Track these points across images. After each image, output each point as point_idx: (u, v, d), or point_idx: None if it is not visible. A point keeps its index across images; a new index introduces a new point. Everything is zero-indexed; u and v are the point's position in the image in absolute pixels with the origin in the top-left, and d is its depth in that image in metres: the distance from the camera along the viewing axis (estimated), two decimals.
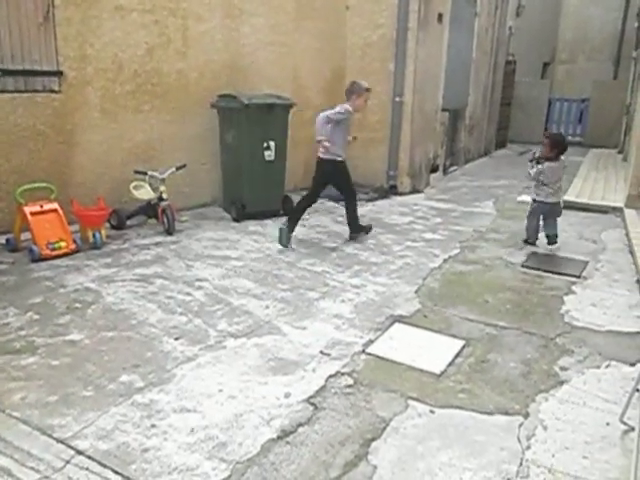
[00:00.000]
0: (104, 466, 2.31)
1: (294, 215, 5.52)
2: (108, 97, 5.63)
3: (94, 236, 4.99)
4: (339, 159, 5.48)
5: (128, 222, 5.71)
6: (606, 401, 2.93)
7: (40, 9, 4.99)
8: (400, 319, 3.86)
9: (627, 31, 16.56)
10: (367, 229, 5.88)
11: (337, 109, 5.40)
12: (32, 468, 2.27)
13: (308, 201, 5.59)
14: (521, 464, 2.42)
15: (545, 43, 18.29)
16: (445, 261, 5.18)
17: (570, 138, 16.21)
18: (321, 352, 3.32)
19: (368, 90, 5.63)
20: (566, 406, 2.88)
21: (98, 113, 5.58)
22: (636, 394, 2.49)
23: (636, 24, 13.27)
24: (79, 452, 2.38)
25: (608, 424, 2.73)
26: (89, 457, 2.36)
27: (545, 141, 5.71)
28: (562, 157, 5.69)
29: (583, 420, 2.76)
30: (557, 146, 5.61)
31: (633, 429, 2.54)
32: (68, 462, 2.32)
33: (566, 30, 18.99)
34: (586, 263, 5.21)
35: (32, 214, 4.65)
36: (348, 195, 5.72)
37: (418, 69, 8.03)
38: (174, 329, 3.55)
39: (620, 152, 12.95)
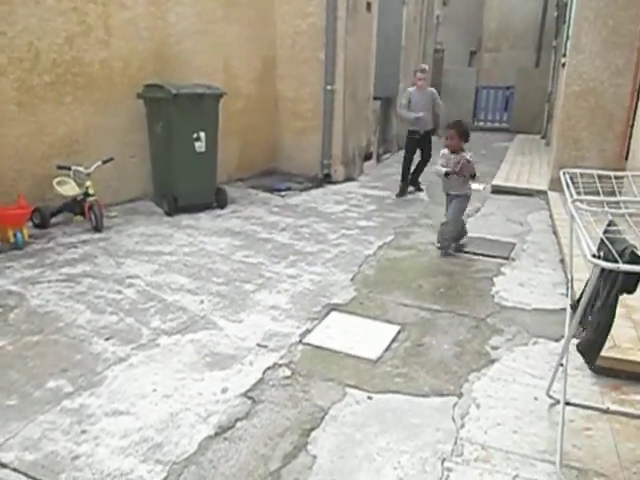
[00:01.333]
0: (31, 478, 2.20)
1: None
2: (25, 88, 5.32)
3: (15, 236, 4.73)
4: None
5: (52, 220, 5.43)
6: (534, 377, 3.06)
7: None
8: (336, 307, 3.88)
9: (547, 21, 17.23)
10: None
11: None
12: None
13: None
14: (456, 443, 2.49)
15: (471, 32, 18.80)
16: (380, 248, 5.25)
17: (497, 125, 16.83)
18: (258, 345, 3.29)
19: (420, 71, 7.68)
20: (497, 384, 2.99)
21: (14, 106, 5.26)
22: (560, 368, 2.60)
23: (555, 14, 13.83)
24: (3, 465, 2.26)
25: (536, 399, 2.85)
26: (14, 469, 2.24)
27: (451, 132, 5.02)
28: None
29: (513, 396, 2.87)
30: (466, 134, 5.07)
31: (558, 402, 2.66)
32: None
33: (490, 19, 19.57)
34: (514, 245, 5.42)
35: None
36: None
37: (348, 58, 8.07)
38: (104, 329, 3.42)
39: (543, 137, 13.53)
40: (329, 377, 2.99)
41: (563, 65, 8.11)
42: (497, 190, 7.92)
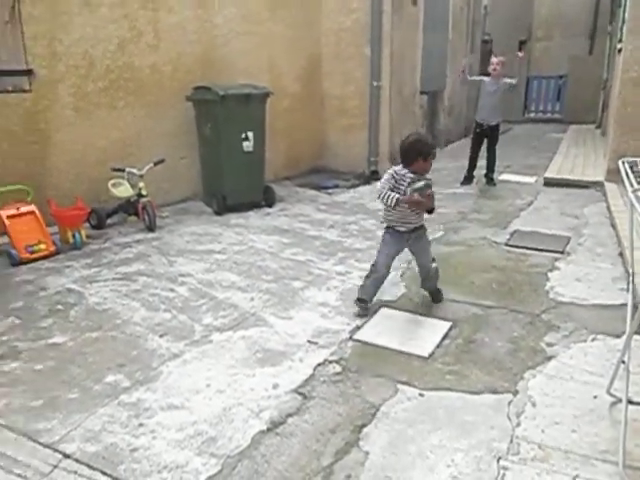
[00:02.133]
0: (92, 468, 2.28)
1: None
2: (81, 95, 5.53)
3: (74, 237, 4.92)
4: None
5: (108, 221, 5.63)
6: (593, 374, 2.95)
7: (5, 6, 4.86)
8: (386, 304, 3.85)
9: (601, 5, 16.57)
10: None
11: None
12: (19, 475, 2.24)
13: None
14: (511, 441, 2.43)
15: (521, 21, 18.27)
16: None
17: (549, 115, 16.31)
18: (308, 341, 3.31)
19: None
20: (554, 382, 2.90)
21: (71, 111, 5.47)
22: (622, 366, 2.50)
23: None
24: (66, 456, 2.35)
25: (596, 397, 2.75)
26: (77, 460, 2.33)
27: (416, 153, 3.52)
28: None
29: (571, 394, 2.78)
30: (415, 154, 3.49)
31: (620, 401, 2.56)
32: (55, 467, 2.29)
33: (541, 6, 18.97)
34: (569, 239, 5.24)
35: (9, 217, 4.57)
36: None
37: (394, 52, 7.99)
38: (159, 326, 3.52)
39: (598, 127, 13.03)
40: (380, 374, 2.98)
41: (619, 51, 7.78)
42: (550, 183, 7.68)
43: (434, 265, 3.81)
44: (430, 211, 3.58)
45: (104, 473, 2.25)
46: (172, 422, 2.58)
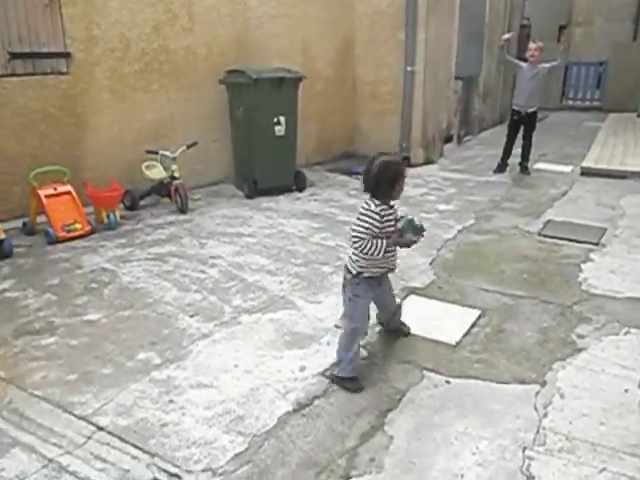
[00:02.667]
0: (124, 441, 2.36)
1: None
2: (117, 77, 5.61)
3: (108, 217, 5.02)
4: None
5: (141, 202, 5.73)
6: (624, 368, 2.90)
7: None
8: (415, 291, 3.84)
9: None
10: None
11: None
12: (55, 444, 2.33)
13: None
14: (538, 432, 2.42)
15: (561, 5, 17.76)
16: (460, 232, 5.14)
17: (588, 103, 15.86)
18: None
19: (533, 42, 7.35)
20: (584, 374, 2.86)
21: (107, 94, 5.56)
22: None
23: None
24: (100, 428, 2.43)
25: (627, 391, 2.71)
26: (109, 433, 2.41)
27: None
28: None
29: (601, 387, 2.75)
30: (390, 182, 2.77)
31: None
32: (89, 438, 2.37)
33: None
34: (604, 230, 5.13)
35: (46, 197, 4.69)
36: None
37: (430, 37, 7.86)
38: (189, 306, 3.58)
39: None
40: (407, 360, 2.99)
41: None
42: (587, 172, 7.50)
43: (397, 300, 3.39)
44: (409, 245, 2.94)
45: (135, 446, 2.32)
46: (201, 400, 2.64)
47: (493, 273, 4.18)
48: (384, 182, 2.73)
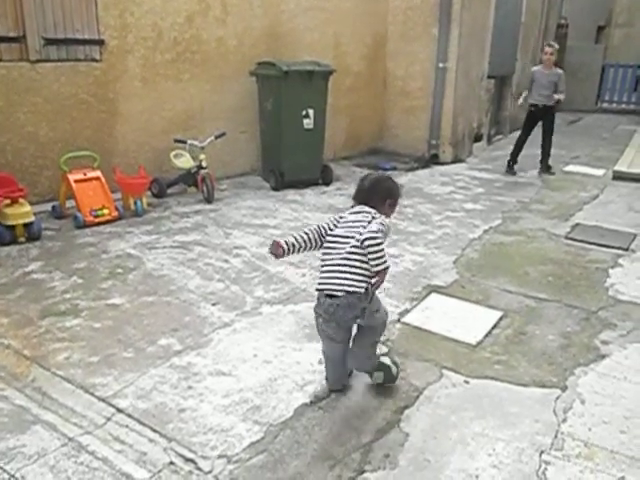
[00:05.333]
0: (143, 424, 2.39)
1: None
2: (148, 66, 5.66)
3: (135, 204, 5.09)
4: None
5: (168, 190, 5.79)
6: None
7: None
8: (437, 289, 3.81)
9: None
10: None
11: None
12: (75, 424, 2.37)
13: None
14: (556, 436, 2.39)
15: (600, 5, 17.36)
16: (486, 232, 5.08)
17: (624, 106, 15.49)
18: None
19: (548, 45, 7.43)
20: (606, 380, 2.81)
21: (139, 82, 5.63)
22: None
23: None
24: (119, 410, 2.47)
25: None
26: (129, 415, 2.44)
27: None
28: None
29: (623, 394, 2.69)
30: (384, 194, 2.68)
31: None
32: (109, 419, 2.41)
33: None
34: (634, 235, 5.02)
35: (76, 182, 4.77)
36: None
37: (463, 34, 7.76)
38: (212, 295, 3.61)
39: None
40: (426, 358, 2.97)
41: None
42: (619, 177, 7.33)
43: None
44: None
45: (153, 430, 2.36)
46: (219, 387, 2.66)
47: (517, 275, 4.12)
48: (376, 192, 2.61)
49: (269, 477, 2.13)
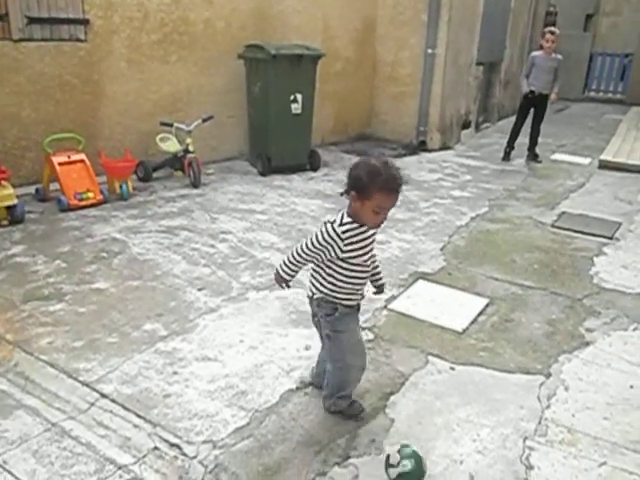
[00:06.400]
0: (127, 409, 2.37)
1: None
2: (134, 47, 5.56)
3: (121, 187, 5.03)
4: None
5: (154, 174, 5.72)
6: (631, 364, 2.88)
7: None
8: (424, 276, 3.82)
9: None
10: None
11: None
12: (59, 409, 2.35)
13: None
14: (540, 422, 2.41)
15: None
16: (473, 219, 5.09)
17: (611, 95, 15.56)
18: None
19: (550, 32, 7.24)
20: (589, 367, 2.84)
21: (124, 63, 5.52)
22: None
23: None
24: (103, 395, 2.45)
25: (632, 387, 2.68)
26: (113, 400, 2.42)
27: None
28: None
29: (606, 382, 2.72)
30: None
31: None
32: (93, 404, 2.39)
33: None
34: (619, 224, 5.06)
35: (60, 164, 4.69)
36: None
37: (453, 19, 7.71)
38: (198, 280, 3.59)
39: None
40: (412, 344, 2.98)
41: None
42: (605, 165, 7.39)
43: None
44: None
45: (138, 415, 2.34)
46: (205, 373, 2.65)
47: (504, 262, 4.14)
48: (358, 181, 2.14)
49: (255, 462, 2.13)
